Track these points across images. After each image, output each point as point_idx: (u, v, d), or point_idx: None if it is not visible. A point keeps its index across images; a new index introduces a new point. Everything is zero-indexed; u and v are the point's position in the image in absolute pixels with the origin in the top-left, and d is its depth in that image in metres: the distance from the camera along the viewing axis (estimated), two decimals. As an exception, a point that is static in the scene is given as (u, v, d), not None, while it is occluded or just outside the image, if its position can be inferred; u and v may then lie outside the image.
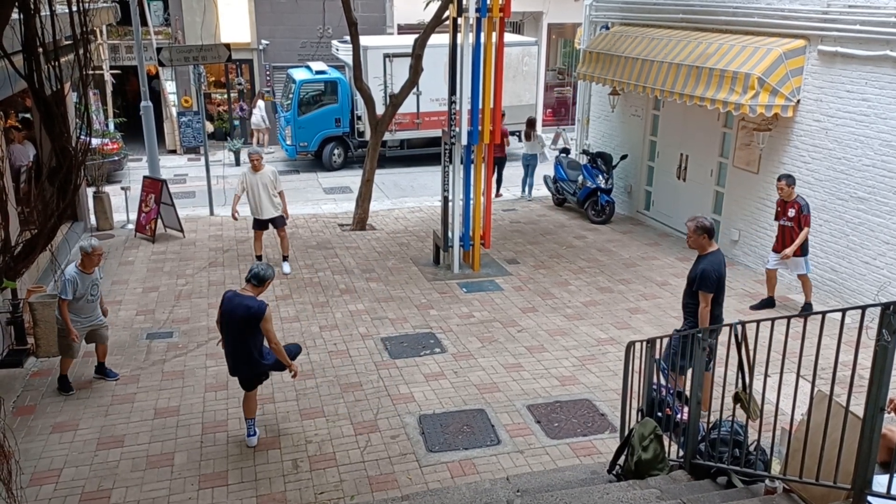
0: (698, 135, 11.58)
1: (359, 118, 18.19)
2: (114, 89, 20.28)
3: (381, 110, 13.10)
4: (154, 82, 19.71)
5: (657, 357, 5.66)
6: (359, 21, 12.58)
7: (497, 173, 14.83)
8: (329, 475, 5.77)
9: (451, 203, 10.44)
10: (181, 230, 12.17)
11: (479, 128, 9.85)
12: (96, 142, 15.87)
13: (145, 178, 12.75)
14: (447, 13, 10.93)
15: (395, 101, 12.80)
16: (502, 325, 8.65)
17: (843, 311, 3.54)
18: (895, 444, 3.92)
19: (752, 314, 8.75)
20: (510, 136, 15.70)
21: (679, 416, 5.23)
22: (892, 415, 4.53)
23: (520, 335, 8.38)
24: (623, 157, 13.02)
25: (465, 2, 9.58)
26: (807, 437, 3.78)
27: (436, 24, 12.00)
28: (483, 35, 9.56)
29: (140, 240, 11.99)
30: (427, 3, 13.08)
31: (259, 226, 10.38)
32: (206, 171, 13.80)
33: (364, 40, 14.17)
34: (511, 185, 15.78)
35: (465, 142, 9.91)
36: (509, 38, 15.83)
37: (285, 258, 10.64)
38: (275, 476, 5.77)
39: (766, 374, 4.27)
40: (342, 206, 14.68)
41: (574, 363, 7.70)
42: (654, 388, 5.58)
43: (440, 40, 12.55)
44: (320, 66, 18.98)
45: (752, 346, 4.51)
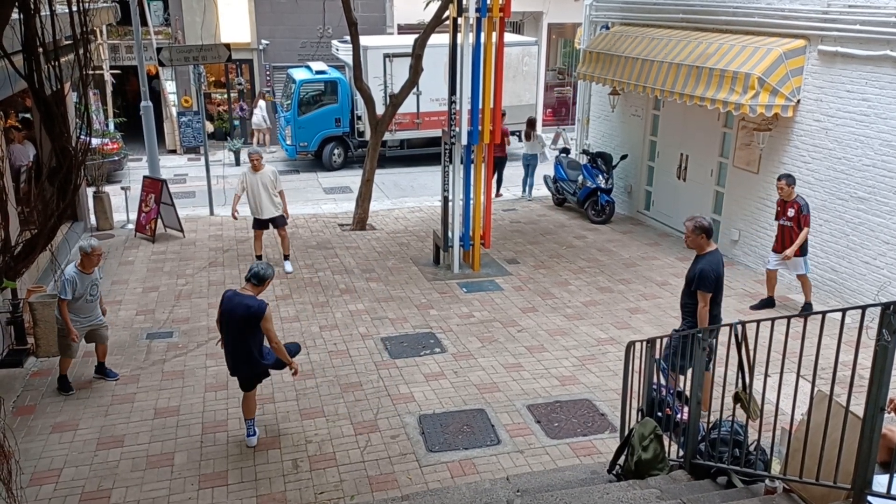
0: (698, 135, 11.58)
1: (359, 118, 18.19)
2: (114, 89, 20.28)
3: (381, 110, 13.10)
4: (154, 82, 19.71)
5: (657, 357, 5.66)
6: (359, 21, 12.58)
7: (497, 173, 14.84)
8: (329, 475, 5.77)
9: (451, 203, 10.44)
10: (181, 230, 12.17)
11: (479, 128, 9.85)
12: (96, 142, 15.87)
13: (145, 177, 12.75)
14: (447, 13, 10.93)
15: (395, 101, 12.80)
16: (502, 325, 8.65)
17: (843, 311, 3.53)
18: (895, 444, 3.93)
19: (752, 314, 8.76)
20: (510, 136, 15.70)
21: (679, 416, 5.24)
22: (892, 415, 4.53)
23: (520, 335, 8.38)
24: (623, 157, 13.02)
25: (465, 2, 9.58)
26: (807, 437, 3.78)
27: (436, 24, 12.00)
28: (483, 35, 9.56)
29: (140, 240, 12.00)
30: (427, 3, 13.07)
31: (259, 225, 10.39)
32: (206, 171, 13.80)
33: (364, 40, 14.17)
34: (511, 185, 15.78)
35: (465, 142, 9.92)
36: (509, 38, 15.83)
37: (286, 257, 10.65)
38: (275, 476, 5.77)
39: (766, 374, 4.27)
40: (342, 206, 14.68)
41: (574, 363, 7.70)
42: (654, 388, 5.59)
43: (440, 40, 12.55)
44: (320, 66, 18.98)
45: (752, 346, 4.51)
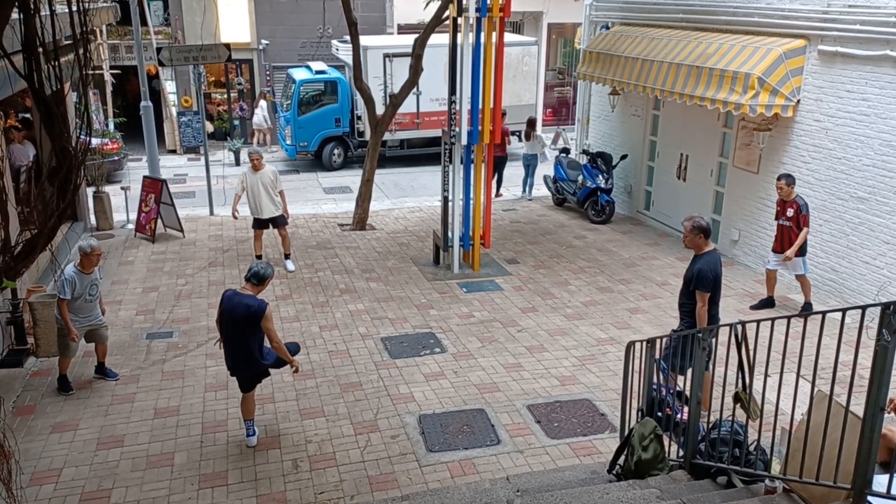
0: (698, 135, 11.58)
1: (359, 118, 18.19)
2: (114, 89, 20.28)
3: (381, 110, 13.10)
4: (154, 82, 19.71)
5: (657, 357, 5.66)
6: (359, 21, 12.58)
7: (497, 173, 14.84)
8: (329, 475, 5.77)
9: (451, 203, 10.44)
10: (181, 230, 12.17)
11: (479, 128, 9.85)
12: (96, 142, 15.87)
13: (145, 177, 12.75)
14: (447, 13, 10.93)
15: (395, 101, 12.79)
16: (502, 325, 8.65)
17: (843, 311, 3.53)
18: (895, 444, 3.93)
19: (752, 314, 8.75)
20: (511, 136, 15.69)
21: (679, 416, 5.24)
22: (892, 415, 4.53)
23: (520, 335, 8.38)
24: (623, 157, 13.02)
25: (465, 2, 9.58)
26: (807, 437, 3.78)
27: (436, 23, 12.00)
28: (483, 35, 9.56)
29: (140, 240, 12.00)
30: (427, 3, 13.07)
31: (259, 225, 10.40)
32: (206, 171, 13.80)
33: (364, 40, 14.18)
34: (511, 185, 15.78)
35: (465, 142, 9.91)
36: (509, 38, 15.82)
37: (287, 256, 10.66)
38: (275, 476, 5.77)
39: (766, 374, 4.27)
40: (342, 205, 14.67)
41: (574, 363, 7.70)
42: (654, 388, 5.59)
43: (440, 40, 12.55)
44: (320, 66, 18.98)
45: (752, 346, 4.51)
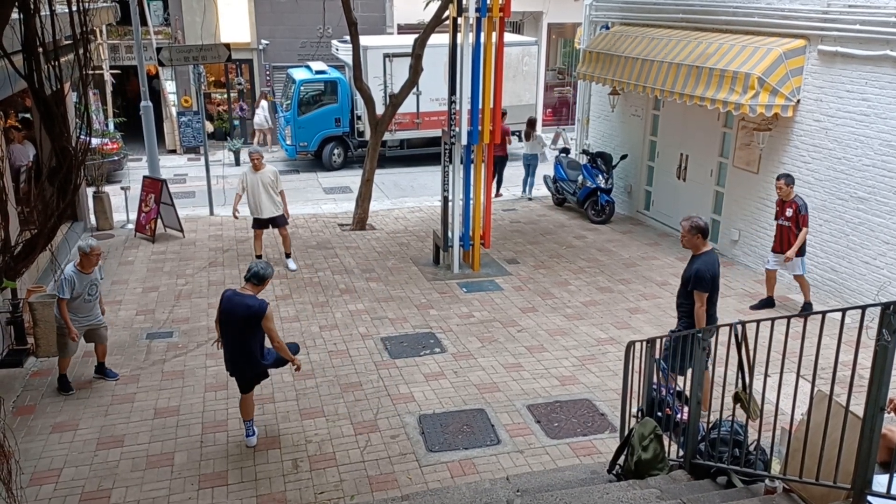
0: (698, 135, 11.58)
1: (359, 118, 18.19)
2: (114, 89, 20.28)
3: (381, 110, 13.10)
4: (154, 82, 19.71)
5: (657, 357, 5.66)
6: (359, 21, 12.58)
7: (498, 173, 14.84)
8: (329, 475, 5.78)
9: (450, 203, 10.44)
10: (181, 230, 12.17)
11: (479, 128, 9.85)
12: (96, 142, 15.87)
13: (145, 177, 12.75)
14: (447, 13, 10.93)
15: (395, 101, 12.79)
16: (502, 325, 8.65)
17: (843, 311, 3.53)
18: (895, 444, 3.93)
19: (752, 314, 8.75)
20: (512, 136, 15.70)
21: (679, 416, 5.24)
22: (892, 415, 4.53)
23: (520, 335, 8.38)
24: (623, 157, 13.02)
25: (465, 2, 9.58)
26: (807, 437, 3.78)
27: (436, 23, 12.00)
28: (483, 35, 9.55)
29: (140, 240, 12.00)
30: (427, 3, 13.08)
31: (259, 225, 10.40)
32: (205, 171, 13.80)
33: (364, 40, 14.17)
34: (511, 185, 15.78)
35: (465, 142, 9.91)
36: (509, 38, 15.83)
37: (288, 255, 10.68)
38: (275, 476, 5.77)
39: (766, 374, 4.27)
40: (342, 205, 14.67)
41: (574, 363, 7.70)
42: (654, 388, 5.59)
43: (440, 40, 12.55)
44: (320, 66, 18.97)
45: (752, 346, 4.51)
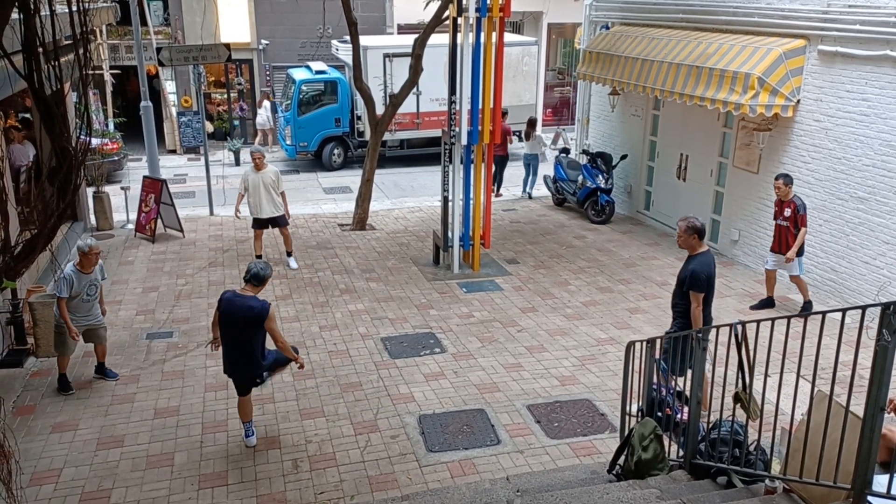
0: (698, 135, 11.58)
1: (359, 118, 18.18)
2: (114, 89, 20.27)
3: (381, 110, 13.10)
4: (154, 82, 19.70)
5: (657, 357, 5.66)
6: (359, 21, 12.58)
7: (498, 173, 14.85)
8: (329, 475, 5.78)
9: (450, 203, 10.44)
10: (181, 230, 12.17)
11: (479, 128, 9.85)
12: (96, 142, 15.87)
13: (145, 177, 12.75)
14: (447, 13, 10.93)
15: (395, 101, 12.79)
16: (502, 325, 8.65)
17: (843, 311, 3.53)
18: (895, 444, 3.93)
19: (752, 314, 8.75)
20: (512, 135, 15.70)
21: (679, 416, 5.24)
22: (892, 415, 4.53)
23: (520, 335, 8.38)
24: (623, 157, 13.02)
25: (465, 2, 9.58)
26: (807, 437, 3.78)
27: (436, 23, 12.00)
28: (483, 35, 9.55)
29: (140, 240, 12.00)
30: (427, 3, 13.07)
31: (259, 225, 10.40)
32: (205, 171, 13.80)
33: (364, 40, 14.17)
34: (511, 185, 15.78)
35: (465, 142, 9.91)
36: (509, 38, 15.83)
37: (290, 254, 10.69)
38: (275, 476, 5.77)
39: (766, 374, 4.27)
40: (342, 206, 14.67)
41: (574, 363, 7.70)
42: (654, 388, 5.59)
43: (440, 40, 12.55)
44: (320, 66, 18.97)
45: (752, 346, 4.51)
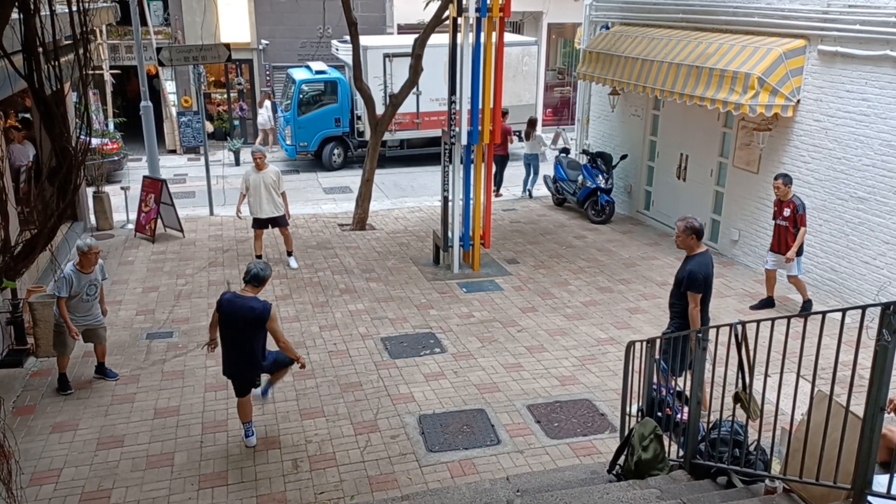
0: (698, 135, 11.58)
1: (359, 118, 18.18)
2: (114, 89, 20.27)
3: (381, 110, 13.10)
4: (154, 82, 19.70)
5: (657, 357, 5.66)
6: (359, 21, 12.57)
7: (498, 172, 14.85)
8: (329, 475, 5.78)
9: (450, 203, 10.44)
10: (181, 230, 12.17)
11: (479, 128, 9.85)
12: (96, 142, 15.86)
13: (145, 177, 12.75)
14: (447, 13, 10.93)
15: (394, 101, 12.79)
16: (502, 325, 8.65)
17: (843, 311, 3.53)
18: (895, 444, 3.93)
19: (752, 314, 8.75)
20: (513, 135, 15.70)
21: (679, 416, 5.24)
22: (892, 415, 4.53)
23: (520, 335, 8.38)
24: (623, 157, 13.02)
25: (465, 2, 9.58)
26: (807, 437, 3.78)
27: (436, 23, 12.00)
28: (483, 35, 9.55)
29: (140, 240, 12.00)
30: (427, 3, 13.07)
31: (258, 225, 10.40)
32: (205, 171, 13.80)
33: (364, 40, 14.17)
34: (511, 185, 15.78)
35: (464, 142, 9.91)
36: (509, 38, 15.82)
37: (290, 253, 10.69)
38: (275, 476, 5.77)
39: (766, 374, 4.27)
40: (342, 205, 14.67)
41: (574, 363, 7.70)
42: (654, 388, 5.59)
43: (440, 40, 12.55)
44: (320, 66, 18.96)
45: (752, 346, 4.51)
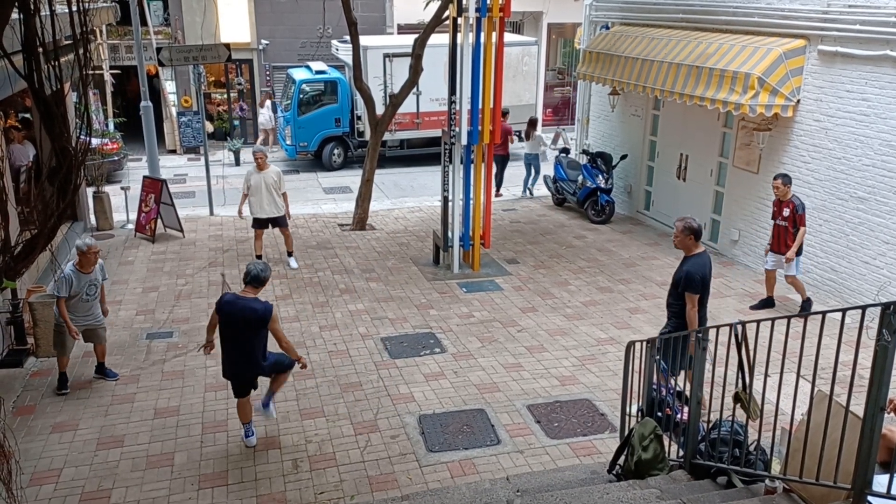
0: (698, 135, 11.58)
1: (359, 118, 18.18)
2: (114, 89, 20.27)
3: (381, 110, 13.10)
4: (154, 82, 19.69)
5: (657, 357, 5.66)
6: (359, 21, 12.58)
7: (499, 172, 14.85)
8: (329, 475, 5.78)
9: (450, 203, 10.45)
10: (181, 230, 12.17)
11: (479, 128, 9.85)
12: (96, 142, 15.86)
13: (145, 177, 12.75)
14: (447, 13, 10.93)
15: (394, 101, 12.79)
16: (502, 325, 8.65)
17: (843, 311, 3.53)
18: (895, 444, 3.93)
19: (752, 314, 8.75)
20: (513, 135, 15.69)
21: (679, 416, 5.24)
22: (892, 415, 4.53)
23: (520, 335, 8.38)
24: (623, 157, 13.02)
25: (465, 2, 9.58)
26: (807, 437, 3.78)
27: (436, 23, 12.00)
28: (483, 35, 9.55)
29: (140, 240, 12.00)
30: (427, 3, 13.07)
31: (259, 225, 10.40)
32: (205, 171, 13.80)
33: (364, 40, 14.17)
34: (511, 185, 15.78)
35: (464, 142, 9.91)
36: (509, 38, 15.82)
37: (290, 254, 10.70)
38: (275, 476, 5.77)
39: (766, 374, 4.27)
40: (342, 206, 14.67)
41: (574, 363, 7.70)
42: (654, 388, 5.59)
43: (440, 40, 12.55)
44: (320, 66, 18.96)
45: (752, 346, 4.51)
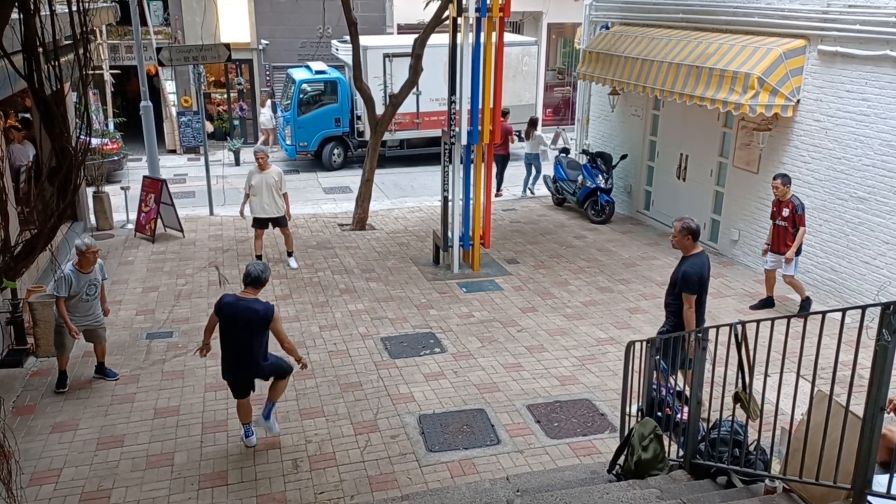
0: (698, 135, 11.58)
1: (359, 118, 18.18)
2: (114, 89, 20.27)
3: (380, 110, 13.10)
4: (154, 82, 19.69)
5: (656, 356, 5.67)
6: (359, 21, 12.58)
7: (499, 172, 14.85)
8: (329, 475, 5.78)
9: (450, 203, 10.45)
10: (181, 230, 12.17)
11: (479, 128, 9.85)
12: (96, 142, 15.86)
13: (145, 177, 12.75)
14: (447, 13, 10.93)
15: (394, 101, 12.80)
16: (502, 325, 8.65)
17: (843, 311, 3.53)
18: (895, 444, 3.93)
19: (752, 314, 8.75)
20: (513, 135, 15.69)
21: (679, 416, 5.24)
22: (892, 415, 4.53)
23: (520, 335, 8.38)
24: (623, 157, 13.02)
25: (465, 2, 9.58)
26: (807, 437, 3.78)
27: (436, 23, 12.00)
28: (483, 35, 9.55)
29: (140, 240, 12.00)
30: (427, 3, 13.07)
31: (259, 225, 10.40)
32: (205, 171, 13.80)
33: (364, 40, 14.17)
34: (511, 185, 15.78)
35: (464, 142, 9.92)
36: (509, 38, 15.82)
37: (290, 254, 10.70)
38: (275, 476, 5.77)
39: (766, 374, 4.27)
40: (342, 205, 14.67)
41: (574, 363, 7.70)
42: (654, 387, 5.59)
43: (440, 40, 12.54)
44: (320, 66, 18.97)
45: (752, 346, 4.52)
